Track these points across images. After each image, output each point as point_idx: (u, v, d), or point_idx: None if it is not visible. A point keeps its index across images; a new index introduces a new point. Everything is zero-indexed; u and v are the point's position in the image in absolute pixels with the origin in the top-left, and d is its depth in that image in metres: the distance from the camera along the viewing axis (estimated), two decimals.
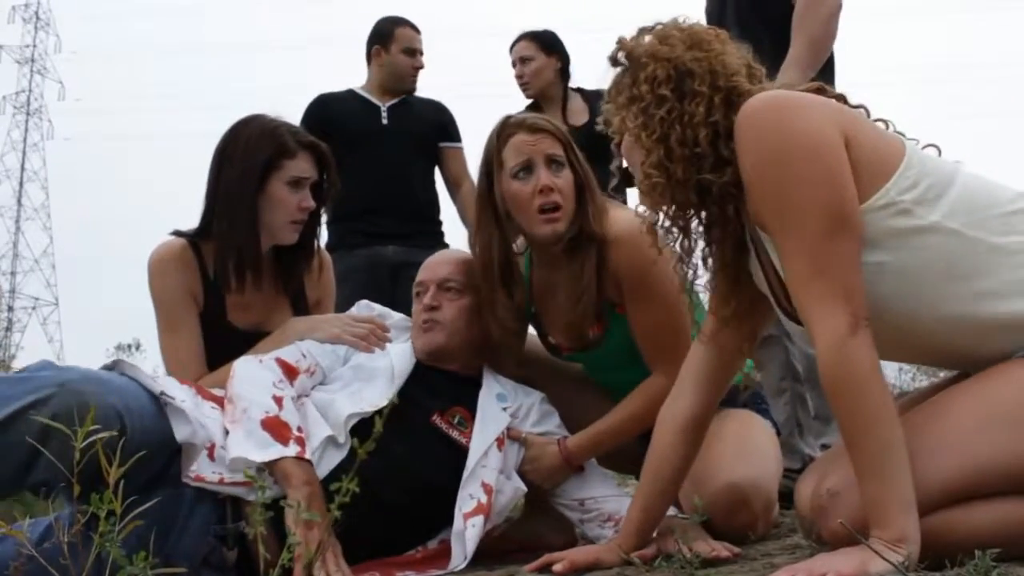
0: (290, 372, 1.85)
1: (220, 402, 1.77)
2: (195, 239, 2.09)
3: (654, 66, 1.48)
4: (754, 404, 2.04)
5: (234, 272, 2.03)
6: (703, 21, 2.91)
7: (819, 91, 1.49)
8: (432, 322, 1.98)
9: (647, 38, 1.54)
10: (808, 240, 1.32)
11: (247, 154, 2.04)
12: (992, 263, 1.37)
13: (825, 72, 2.48)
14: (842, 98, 1.48)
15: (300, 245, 2.14)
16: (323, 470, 1.70)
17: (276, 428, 1.67)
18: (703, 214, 1.52)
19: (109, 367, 1.70)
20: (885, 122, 1.49)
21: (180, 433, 1.63)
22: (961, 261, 1.36)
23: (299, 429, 1.69)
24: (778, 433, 2.06)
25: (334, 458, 1.74)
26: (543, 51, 3.54)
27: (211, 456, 1.67)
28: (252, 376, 1.78)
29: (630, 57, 1.53)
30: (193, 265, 2.07)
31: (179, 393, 1.69)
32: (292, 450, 1.64)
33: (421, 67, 3.54)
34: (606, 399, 2.01)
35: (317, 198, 2.12)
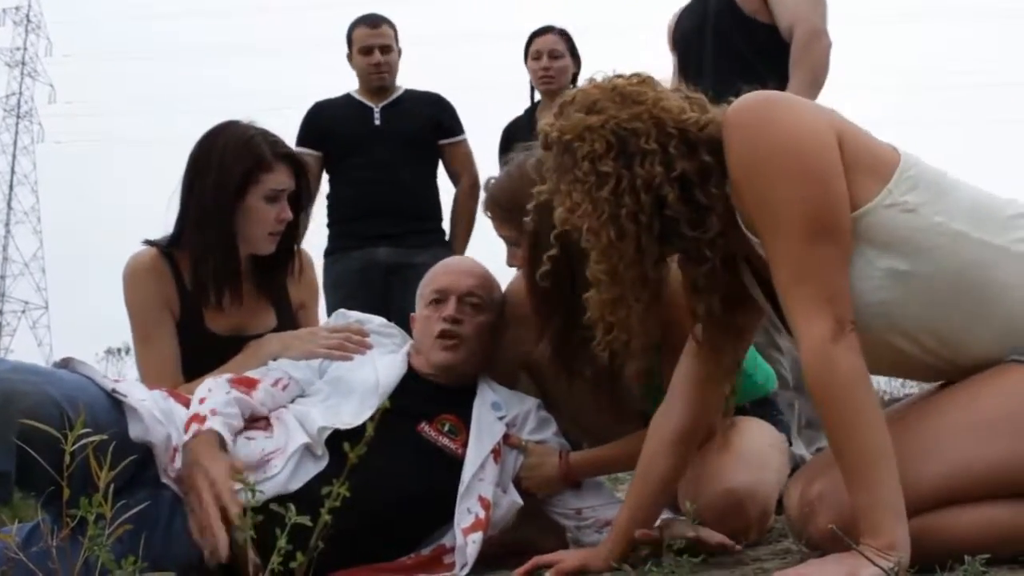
0: (247, 383, 1.83)
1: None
2: (169, 248, 2.06)
3: (590, 139, 1.38)
4: (767, 412, 2.03)
5: (213, 286, 2.01)
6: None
7: None
8: (455, 337, 1.93)
9: (573, 113, 1.42)
10: (791, 243, 1.30)
11: (223, 166, 2.00)
12: (1000, 265, 1.35)
13: None
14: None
15: (279, 253, 2.12)
16: (299, 481, 1.69)
17: (187, 426, 1.67)
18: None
19: (60, 365, 1.68)
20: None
21: (134, 430, 1.61)
22: (971, 265, 1.35)
23: (211, 411, 1.68)
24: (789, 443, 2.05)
25: (311, 469, 1.72)
26: (569, 52, 3.53)
27: None
28: (197, 392, 1.77)
29: (561, 138, 1.41)
30: (167, 274, 2.05)
31: (138, 392, 1.68)
32: (190, 433, 1.64)
33: (379, 62, 3.45)
34: (621, 405, 1.98)
35: (295, 207, 2.10)
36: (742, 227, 1.41)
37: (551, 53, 3.50)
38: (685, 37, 2.88)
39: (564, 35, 3.56)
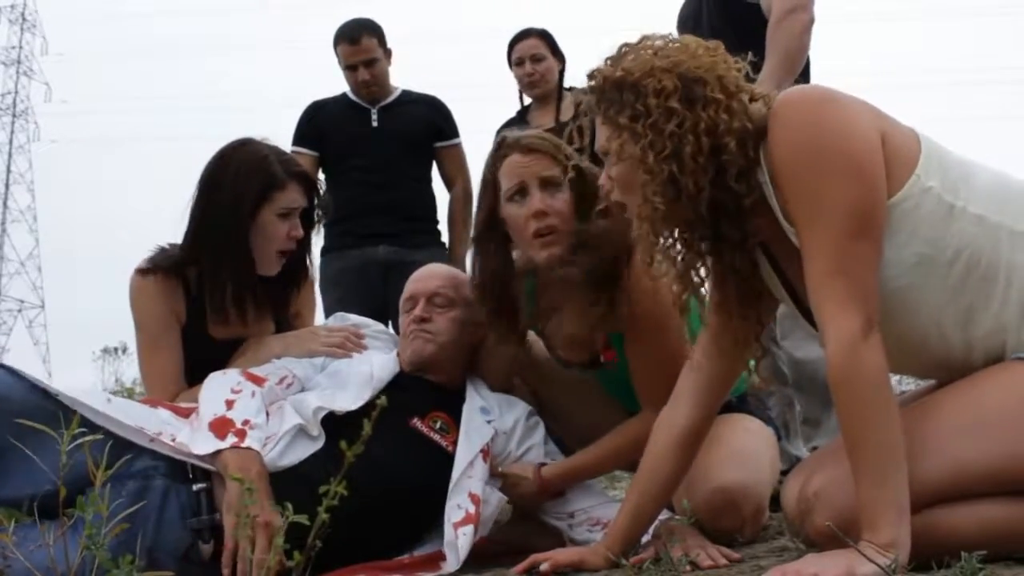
0: (255, 380, 1.86)
1: (181, 411, 1.81)
2: (176, 261, 2.07)
3: (658, 77, 1.40)
4: (755, 408, 2.03)
5: (233, 303, 2.03)
6: (675, 28, 2.95)
7: None
8: (422, 332, 1.99)
9: (634, 58, 1.44)
10: (833, 238, 1.31)
11: (237, 185, 2.02)
12: (1017, 249, 1.36)
13: (801, 81, 2.47)
14: None
15: (292, 272, 2.14)
16: (292, 458, 1.74)
17: (219, 427, 1.70)
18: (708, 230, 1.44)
19: None
20: None
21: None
22: (988, 249, 1.36)
23: (245, 423, 1.72)
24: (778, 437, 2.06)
25: (306, 448, 1.76)
26: (551, 52, 3.53)
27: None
28: (211, 387, 1.82)
29: (627, 75, 1.42)
30: (175, 284, 2.07)
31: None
32: (228, 442, 1.67)
33: (366, 79, 3.41)
34: (608, 406, 1.99)
35: (306, 226, 2.12)
36: (775, 211, 1.41)
37: (533, 57, 3.50)
38: (684, 25, 2.87)
39: (544, 36, 3.56)
